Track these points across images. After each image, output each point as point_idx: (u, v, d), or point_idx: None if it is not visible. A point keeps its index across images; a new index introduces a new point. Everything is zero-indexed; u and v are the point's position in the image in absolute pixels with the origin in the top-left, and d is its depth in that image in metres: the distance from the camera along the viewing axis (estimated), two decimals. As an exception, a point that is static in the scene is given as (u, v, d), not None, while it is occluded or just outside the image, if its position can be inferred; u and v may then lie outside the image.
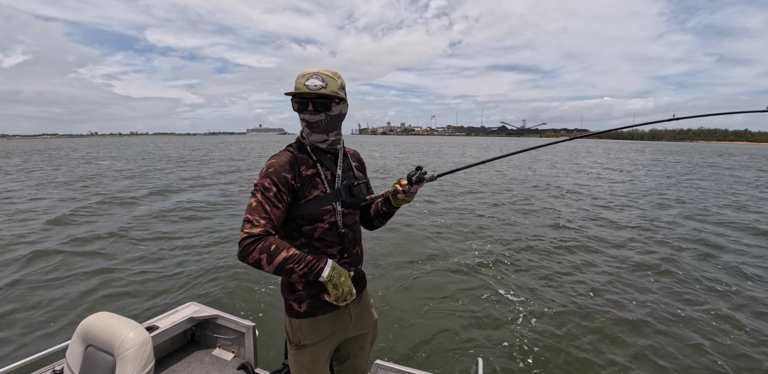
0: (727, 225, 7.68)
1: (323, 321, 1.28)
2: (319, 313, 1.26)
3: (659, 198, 11.01)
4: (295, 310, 1.26)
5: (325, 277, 1.13)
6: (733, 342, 3.33)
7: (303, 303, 1.25)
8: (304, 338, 1.28)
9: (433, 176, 1.25)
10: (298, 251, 1.11)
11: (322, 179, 1.23)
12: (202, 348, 2.27)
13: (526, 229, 7.15)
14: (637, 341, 3.33)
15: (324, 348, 1.32)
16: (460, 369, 2.94)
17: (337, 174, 1.27)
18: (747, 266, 5.16)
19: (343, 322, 1.34)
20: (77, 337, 1.46)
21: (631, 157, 34.60)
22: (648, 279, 4.68)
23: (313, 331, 1.28)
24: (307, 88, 1.15)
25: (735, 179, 17.05)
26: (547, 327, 3.55)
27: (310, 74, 1.17)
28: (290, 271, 1.09)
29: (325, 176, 1.24)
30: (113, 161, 24.49)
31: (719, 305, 4.03)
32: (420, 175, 1.22)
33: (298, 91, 1.16)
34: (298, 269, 1.10)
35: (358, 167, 1.41)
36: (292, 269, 1.09)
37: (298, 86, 1.16)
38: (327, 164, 1.26)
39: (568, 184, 13.96)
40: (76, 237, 6.28)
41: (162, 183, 13.23)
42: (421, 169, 1.23)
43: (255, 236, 1.07)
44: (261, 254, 1.06)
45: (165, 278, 4.64)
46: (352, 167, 1.36)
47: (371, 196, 1.31)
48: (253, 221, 1.09)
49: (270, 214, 1.12)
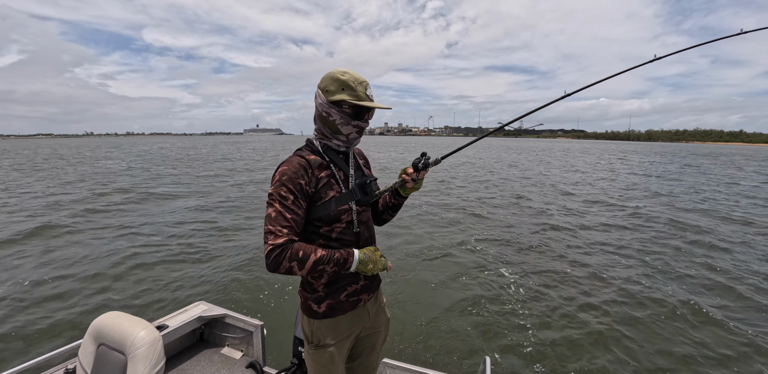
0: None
1: (342, 321, 1.28)
2: (338, 313, 1.26)
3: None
4: (313, 310, 1.26)
5: (353, 269, 1.19)
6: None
7: (322, 303, 1.25)
8: (324, 338, 1.27)
9: (437, 159, 1.26)
10: (324, 251, 1.14)
11: (336, 180, 1.24)
12: (211, 347, 2.29)
13: (534, 229, 7.16)
14: (652, 341, 3.31)
15: (343, 347, 1.31)
16: (468, 368, 2.93)
17: (350, 174, 1.28)
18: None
19: (362, 321, 1.33)
20: (89, 336, 1.47)
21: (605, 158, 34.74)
22: (663, 284, 4.66)
23: (332, 331, 1.27)
24: (369, 98, 1.20)
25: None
26: (557, 326, 3.55)
27: (365, 82, 1.20)
28: (322, 271, 1.14)
29: (339, 177, 1.25)
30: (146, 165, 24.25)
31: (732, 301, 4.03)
32: (425, 160, 1.23)
33: (381, 106, 1.21)
34: (329, 269, 1.15)
35: (365, 164, 1.43)
36: (323, 270, 1.14)
37: (362, 96, 1.18)
38: (339, 164, 1.27)
39: (583, 192, 13.97)
40: (87, 235, 6.32)
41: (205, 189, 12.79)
42: (425, 155, 1.26)
43: (280, 246, 1.08)
44: (291, 262, 1.08)
45: (174, 277, 4.67)
46: (361, 165, 1.37)
47: (379, 191, 1.32)
48: (276, 231, 1.09)
49: (291, 222, 1.12)
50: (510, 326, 3.56)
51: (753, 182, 16.17)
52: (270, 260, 1.07)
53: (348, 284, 1.27)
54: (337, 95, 1.16)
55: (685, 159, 33.09)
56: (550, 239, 6.46)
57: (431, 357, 3.08)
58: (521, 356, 3.10)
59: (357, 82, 1.16)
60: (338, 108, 1.18)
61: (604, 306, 3.94)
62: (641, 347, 3.22)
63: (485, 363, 1.61)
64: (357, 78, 1.17)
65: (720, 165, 26.49)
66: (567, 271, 4.92)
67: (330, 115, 1.19)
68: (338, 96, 1.16)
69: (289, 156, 1.23)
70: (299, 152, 1.24)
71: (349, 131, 1.22)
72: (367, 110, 1.20)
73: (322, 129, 1.25)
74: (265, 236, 1.09)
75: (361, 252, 1.21)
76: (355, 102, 1.16)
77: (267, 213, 1.12)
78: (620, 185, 14.25)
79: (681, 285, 4.53)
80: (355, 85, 1.16)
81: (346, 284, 1.27)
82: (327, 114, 1.20)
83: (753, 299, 4.14)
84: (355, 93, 1.16)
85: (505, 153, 38.89)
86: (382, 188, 1.35)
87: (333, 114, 1.18)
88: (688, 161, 29.81)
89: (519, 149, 53.21)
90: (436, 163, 1.25)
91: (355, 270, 1.20)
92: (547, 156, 33.88)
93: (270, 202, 1.13)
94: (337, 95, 1.16)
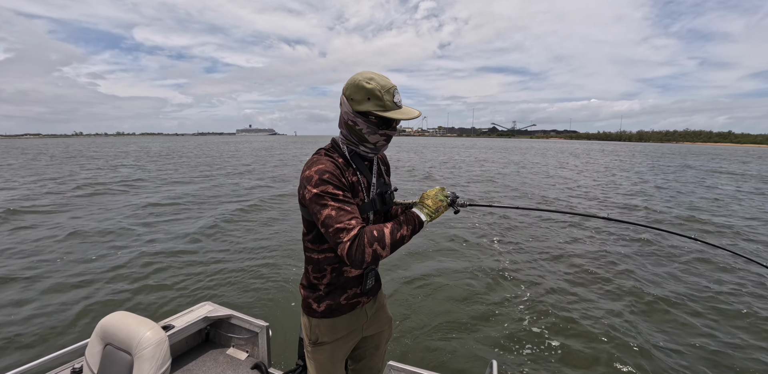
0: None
1: (340, 321, 1.30)
2: (336, 314, 1.28)
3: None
4: (313, 309, 1.27)
5: (426, 219, 1.15)
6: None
7: (322, 303, 1.26)
8: (322, 335, 1.29)
9: (465, 202, 1.21)
10: (391, 222, 1.11)
11: (362, 188, 1.22)
12: (216, 348, 2.29)
13: (541, 231, 7.13)
14: (655, 349, 3.23)
15: (341, 346, 1.33)
16: (475, 371, 2.91)
17: (372, 183, 1.27)
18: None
19: (360, 321, 1.35)
20: (96, 336, 1.46)
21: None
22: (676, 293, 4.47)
23: (330, 329, 1.29)
24: (397, 105, 1.14)
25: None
26: (564, 331, 3.50)
27: (393, 88, 1.12)
28: (402, 239, 1.09)
29: (363, 184, 1.23)
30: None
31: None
32: (453, 198, 1.19)
33: (410, 117, 1.13)
34: (406, 232, 1.10)
35: (386, 170, 1.41)
36: (403, 236, 1.09)
37: (389, 105, 1.11)
38: (364, 171, 1.24)
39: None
40: (93, 235, 6.33)
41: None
42: (454, 194, 1.21)
43: (356, 236, 1.04)
44: (371, 245, 1.04)
45: (181, 278, 4.66)
46: (383, 172, 1.35)
47: (396, 202, 1.31)
48: (346, 226, 1.04)
49: (354, 212, 1.09)
50: (519, 329, 3.52)
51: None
52: (353, 257, 1.02)
53: (349, 287, 1.27)
54: (363, 105, 1.11)
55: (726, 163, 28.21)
56: (571, 244, 6.37)
57: (437, 360, 3.05)
58: (529, 360, 3.06)
59: (384, 90, 1.10)
60: (365, 118, 1.13)
61: (618, 309, 3.88)
62: (655, 359, 3.10)
63: (492, 367, 1.60)
64: (384, 85, 1.10)
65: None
66: (582, 274, 4.84)
67: (356, 124, 1.15)
68: (364, 106, 1.11)
69: (315, 156, 1.18)
70: (328, 153, 1.20)
71: (376, 139, 1.19)
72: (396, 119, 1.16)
73: (348, 136, 1.21)
74: (336, 237, 1.04)
75: (423, 206, 1.17)
76: (383, 114, 1.10)
77: (325, 215, 1.06)
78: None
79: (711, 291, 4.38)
80: (382, 94, 1.10)
81: (347, 287, 1.27)
82: (353, 123, 1.15)
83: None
84: (381, 103, 1.10)
85: (516, 155, 38.95)
86: (399, 199, 1.33)
87: (359, 124, 1.14)
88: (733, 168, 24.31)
89: (517, 149, 53.46)
90: (463, 206, 1.20)
91: (429, 220, 1.15)
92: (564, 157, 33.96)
93: (322, 203, 1.07)
94: (363, 104, 1.11)
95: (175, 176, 15.68)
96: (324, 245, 1.22)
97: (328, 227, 1.05)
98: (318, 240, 1.22)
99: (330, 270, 1.24)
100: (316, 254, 1.24)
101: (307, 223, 1.22)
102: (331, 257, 1.23)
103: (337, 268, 1.24)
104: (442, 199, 1.18)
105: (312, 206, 1.09)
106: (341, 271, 1.25)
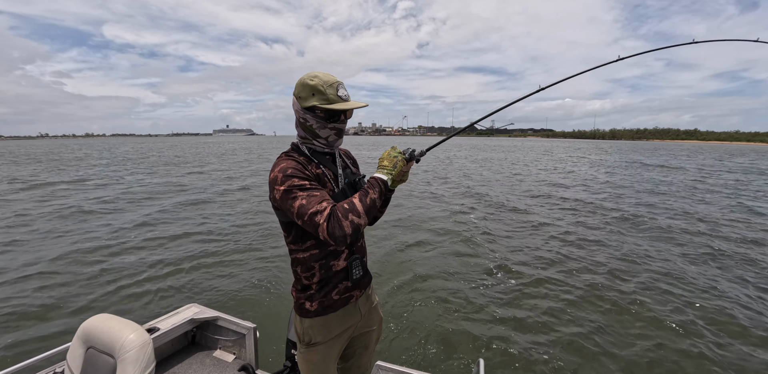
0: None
1: (334, 319, 1.30)
2: (330, 311, 1.28)
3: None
4: (306, 309, 1.28)
5: (391, 184, 1.25)
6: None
7: (314, 301, 1.27)
8: (315, 336, 1.29)
9: (423, 151, 1.31)
10: (360, 192, 1.15)
11: (329, 179, 1.26)
12: (203, 350, 2.24)
13: (528, 230, 7.20)
14: (647, 344, 3.25)
15: (334, 345, 1.34)
16: (462, 371, 2.93)
17: (339, 174, 1.31)
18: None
19: (354, 319, 1.36)
20: (78, 339, 1.43)
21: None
22: (663, 292, 4.32)
23: (324, 329, 1.29)
24: (342, 99, 1.19)
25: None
26: (551, 328, 3.52)
27: (337, 83, 1.19)
28: (373, 204, 1.13)
29: (329, 176, 1.27)
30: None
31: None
32: (411, 152, 1.27)
33: (354, 106, 1.20)
34: (375, 195, 1.15)
35: (353, 163, 1.45)
36: (373, 201, 1.13)
37: (332, 98, 1.18)
38: (327, 165, 1.29)
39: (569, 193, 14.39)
40: (78, 239, 6.12)
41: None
42: (411, 149, 1.29)
43: (330, 214, 1.06)
44: (347, 218, 1.06)
45: (165, 279, 4.55)
46: (348, 164, 1.40)
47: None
48: (318, 209, 1.06)
49: (324, 196, 1.12)
50: (506, 328, 3.53)
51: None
52: (334, 232, 1.04)
53: (339, 281, 1.29)
54: (309, 101, 1.18)
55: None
56: (554, 238, 6.46)
57: (425, 360, 3.06)
58: (516, 358, 3.08)
59: (326, 85, 1.17)
60: (312, 113, 1.20)
61: (606, 307, 3.91)
62: (647, 353, 3.12)
63: (479, 365, 1.61)
64: (326, 81, 1.17)
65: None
66: (569, 272, 4.86)
67: (307, 120, 1.22)
68: (310, 102, 1.18)
69: (277, 159, 1.21)
70: (289, 154, 1.25)
71: (327, 134, 1.25)
72: (341, 111, 1.21)
73: (303, 135, 1.28)
74: (312, 222, 1.06)
75: (380, 167, 1.22)
76: (326, 106, 1.17)
77: (297, 205, 1.08)
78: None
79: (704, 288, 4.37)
80: (325, 89, 1.16)
81: (337, 281, 1.29)
82: (304, 120, 1.23)
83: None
84: (325, 96, 1.17)
85: (501, 153, 39.47)
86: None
87: (309, 119, 1.22)
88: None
89: (490, 147, 54.25)
90: (422, 154, 1.30)
91: (392, 176, 1.21)
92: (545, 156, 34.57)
93: (292, 197, 1.09)
94: (309, 100, 1.18)
95: (155, 179, 15.16)
96: (307, 243, 1.23)
97: (302, 216, 1.07)
98: (300, 240, 1.24)
99: (318, 267, 1.25)
100: (301, 253, 1.25)
101: (285, 226, 1.24)
102: (316, 254, 1.24)
103: (324, 264, 1.25)
104: (395, 155, 1.23)
105: (284, 203, 1.11)
106: (329, 266, 1.26)
